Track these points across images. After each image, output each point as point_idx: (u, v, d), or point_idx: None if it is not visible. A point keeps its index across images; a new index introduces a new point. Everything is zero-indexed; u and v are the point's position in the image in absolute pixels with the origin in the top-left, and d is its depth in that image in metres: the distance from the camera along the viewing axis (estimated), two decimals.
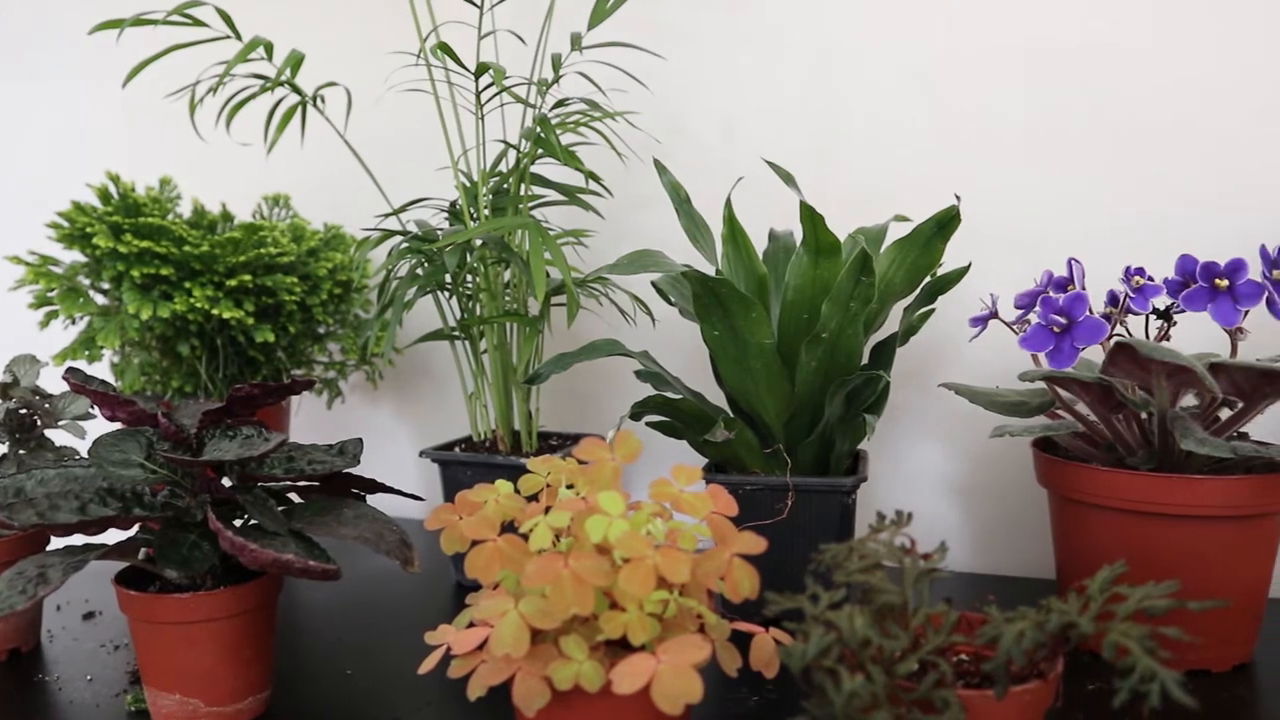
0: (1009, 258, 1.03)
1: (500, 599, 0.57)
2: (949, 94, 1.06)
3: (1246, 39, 0.97)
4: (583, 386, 1.23)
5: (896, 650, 0.51)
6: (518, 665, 0.56)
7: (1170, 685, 0.46)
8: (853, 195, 1.09)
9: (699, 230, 0.86)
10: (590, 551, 0.56)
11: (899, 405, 1.10)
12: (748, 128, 1.14)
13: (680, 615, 0.57)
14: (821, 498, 0.84)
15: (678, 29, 1.15)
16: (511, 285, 1.05)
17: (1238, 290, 0.78)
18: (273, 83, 1.03)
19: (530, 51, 1.13)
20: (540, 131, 0.96)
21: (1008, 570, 1.09)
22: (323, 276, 1.15)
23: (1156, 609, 0.52)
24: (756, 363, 0.83)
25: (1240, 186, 0.98)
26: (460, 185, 1.00)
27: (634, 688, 0.52)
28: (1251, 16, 0.96)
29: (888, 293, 0.86)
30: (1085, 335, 0.77)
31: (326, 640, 0.90)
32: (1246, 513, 0.77)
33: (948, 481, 1.10)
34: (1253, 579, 0.80)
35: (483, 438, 1.08)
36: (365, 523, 0.75)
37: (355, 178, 1.13)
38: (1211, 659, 0.80)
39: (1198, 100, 0.98)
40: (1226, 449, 0.75)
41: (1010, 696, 0.52)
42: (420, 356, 1.32)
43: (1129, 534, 0.80)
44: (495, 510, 0.63)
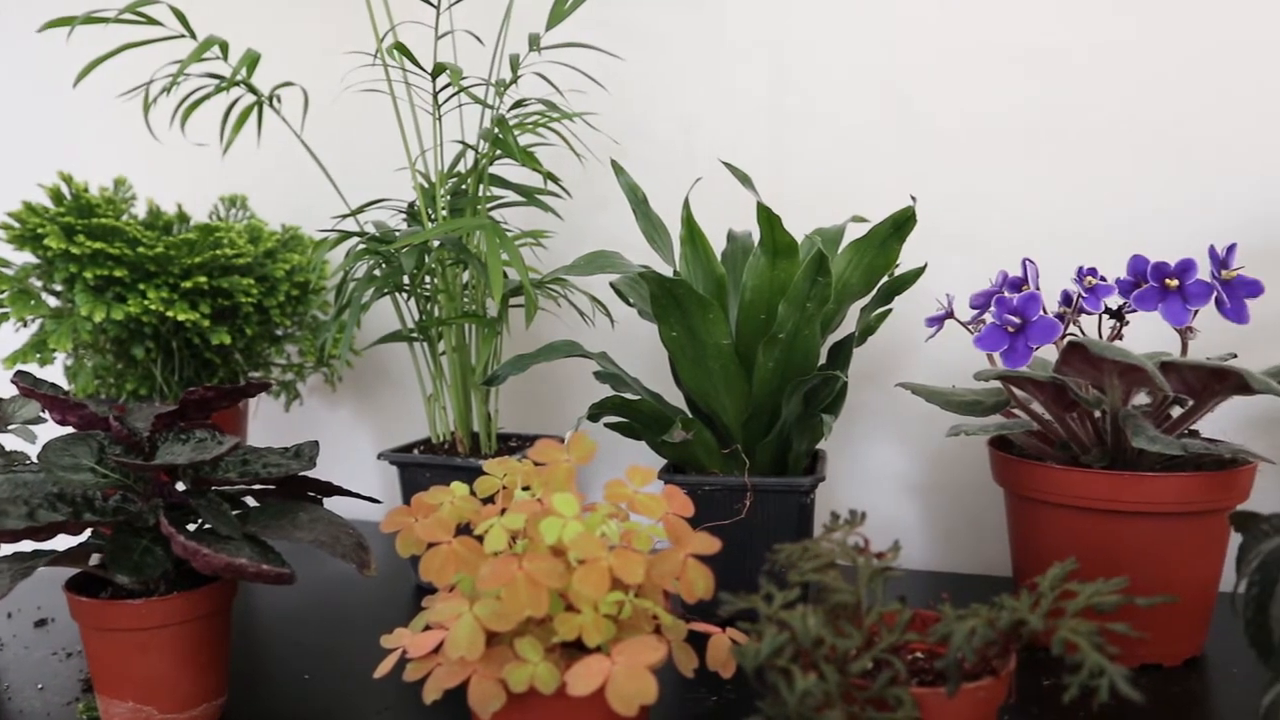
0: (966, 258, 1.04)
1: (455, 602, 0.57)
2: (907, 96, 1.07)
3: (1194, 43, 0.98)
4: (543, 388, 1.23)
5: (850, 649, 0.52)
6: (473, 668, 0.56)
7: (1118, 680, 0.47)
8: (811, 196, 1.09)
9: (656, 231, 0.86)
10: (545, 553, 0.56)
11: (857, 405, 1.11)
12: (707, 129, 1.14)
13: (636, 616, 0.57)
14: (780, 498, 0.84)
15: (636, 30, 1.15)
16: (470, 286, 1.05)
17: (1187, 290, 0.80)
18: (228, 82, 1.02)
19: (488, 52, 1.13)
20: (498, 132, 0.95)
21: (966, 568, 1.10)
22: (280, 278, 1.14)
23: (1105, 605, 0.52)
24: (714, 363, 0.83)
25: (1190, 188, 0.99)
26: (418, 186, 1.00)
27: (589, 689, 0.52)
28: (1197, 21, 0.98)
29: (845, 293, 0.86)
30: (1039, 335, 0.78)
31: (284, 644, 0.89)
32: (1197, 509, 0.79)
33: (906, 480, 1.11)
34: (1203, 574, 0.81)
35: (441, 439, 1.07)
36: (321, 526, 0.75)
37: (313, 178, 1.12)
38: (1163, 654, 0.81)
39: (1148, 103, 1.00)
40: (1177, 446, 0.76)
41: (963, 693, 0.52)
42: (379, 358, 1.31)
43: (1083, 531, 0.81)
44: (451, 512, 0.62)
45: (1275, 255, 0.96)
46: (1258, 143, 0.97)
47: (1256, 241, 0.97)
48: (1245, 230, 0.97)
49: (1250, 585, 0.55)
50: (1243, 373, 0.77)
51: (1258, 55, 0.97)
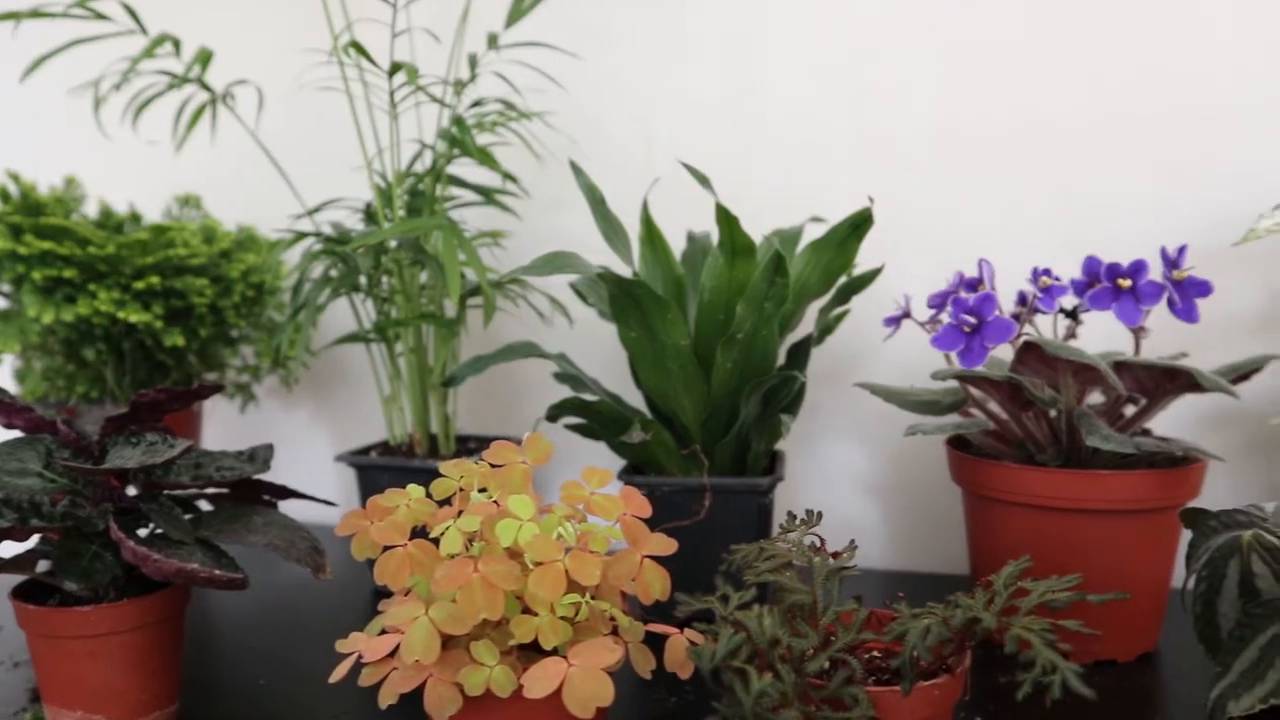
0: (926, 258, 1.05)
1: (411, 605, 0.56)
2: (867, 97, 1.07)
3: (1145, 49, 0.99)
4: (503, 389, 1.22)
5: (806, 649, 0.52)
6: (429, 672, 0.55)
7: (1070, 677, 0.47)
8: (772, 196, 1.10)
9: (615, 232, 0.86)
10: (501, 556, 0.55)
11: (817, 405, 1.11)
12: (666, 129, 1.14)
13: (593, 618, 0.57)
14: (739, 498, 0.84)
15: (595, 29, 1.14)
16: (428, 287, 1.04)
17: (1140, 290, 0.80)
18: (180, 79, 1.01)
19: (446, 51, 1.12)
20: (456, 132, 0.95)
21: (926, 567, 1.11)
22: (235, 278, 1.12)
23: (1058, 603, 0.53)
24: (673, 364, 0.83)
25: (1143, 189, 1.01)
26: (375, 186, 0.99)
27: (545, 692, 0.51)
28: (1147, 27, 0.99)
29: (803, 293, 0.86)
30: (994, 334, 0.78)
31: (239, 650, 0.88)
32: (1149, 506, 0.79)
33: (866, 480, 1.12)
34: (1156, 571, 0.82)
35: (399, 441, 1.06)
36: (275, 530, 0.74)
37: (269, 178, 1.11)
38: (1118, 649, 0.82)
39: (1102, 106, 1.01)
40: (1130, 445, 0.77)
41: (918, 691, 0.53)
42: (337, 360, 1.29)
43: (1039, 529, 0.82)
44: (406, 515, 0.62)
45: (1224, 256, 0.97)
46: (1206, 146, 0.99)
47: (1207, 242, 0.98)
48: (1195, 231, 0.99)
49: (1199, 581, 0.56)
50: (1193, 371, 0.78)
51: (1207, 61, 0.98)
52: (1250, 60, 0.97)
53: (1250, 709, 0.50)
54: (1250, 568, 0.54)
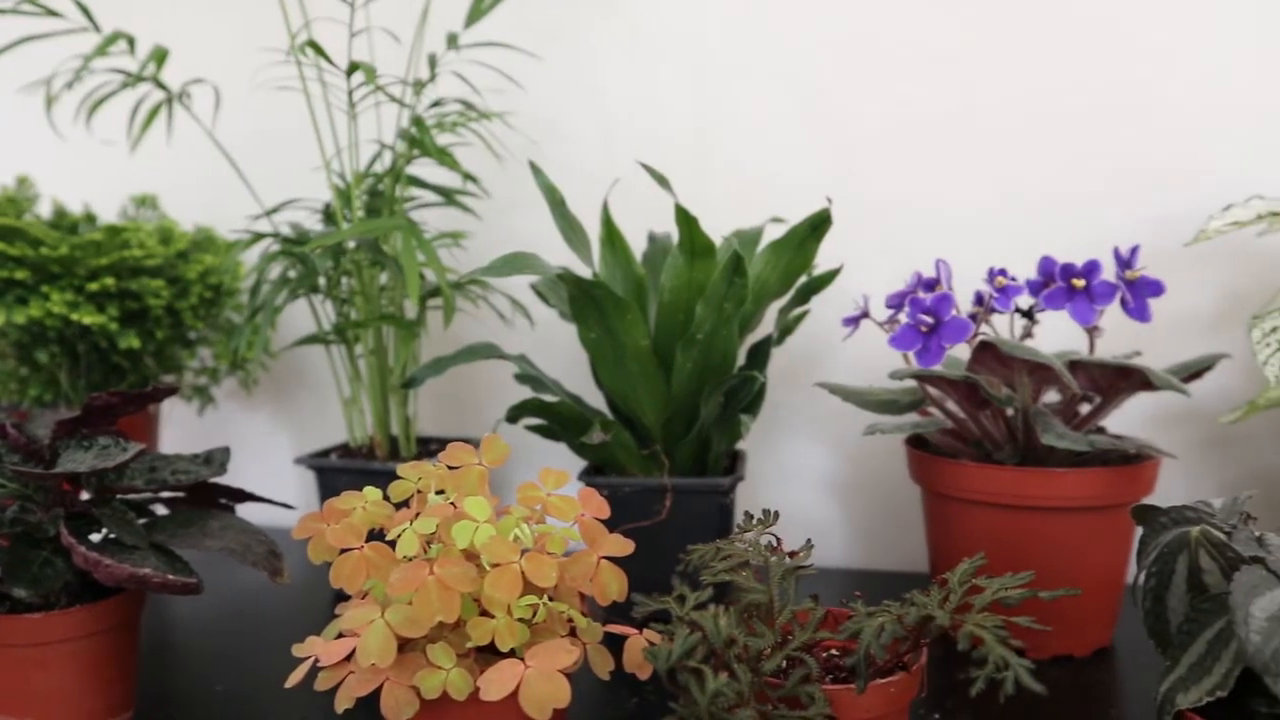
0: (885, 258, 1.05)
1: (367, 608, 0.56)
2: (826, 97, 1.08)
3: (1103, 47, 1.01)
4: (465, 390, 1.21)
5: (763, 648, 0.52)
6: (385, 675, 0.55)
7: (1021, 673, 0.48)
8: (733, 197, 1.10)
9: (574, 233, 0.86)
10: (457, 558, 0.55)
11: (778, 404, 1.11)
12: (627, 129, 1.14)
13: (550, 620, 0.57)
14: (700, 498, 0.84)
15: (555, 30, 1.14)
16: (388, 288, 1.04)
17: (1093, 290, 0.81)
18: (135, 78, 1.00)
19: (405, 50, 1.11)
20: (415, 132, 0.94)
21: (887, 565, 1.11)
22: (193, 280, 1.11)
23: (1011, 600, 0.53)
24: (634, 364, 0.83)
25: (1097, 190, 1.02)
26: (333, 186, 0.98)
27: (501, 694, 0.51)
28: (1107, 27, 1.00)
29: (763, 294, 0.87)
30: (951, 334, 0.79)
31: (196, 656, 0.87)
32: (1103, 503, 0.81)
33: (827, 479, 1.12)
34: (1111, 567, 0.83)
35: (360, 443, 1.06)
36: (232, 534, 0.73)
37: (227, 178, 1.10)
38: (1074, 644, 0.83)
39: (1058, 107, 1.02)
40: (1084, 443, 0.78)
41: (874, 689, 0.53)
42: (297, 361, 1.28)
43: (996, 527, 0.82)
44: (363, 518, 0.61)
45: (1177, 256, 0.99)
46: (1160, 147, 1.00)
47: (1160, 243, 0.99)
48: (1149, 232, 1.00)
49: (1149, 577, 0.57)
50: (1146, 370, 0.79)
51: (1160, 63, 0.99)
52: (1203, 62, 0.99)
53: (1198, 701, 0.50)
54: (1198, 563, 0.55)
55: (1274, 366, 0.79)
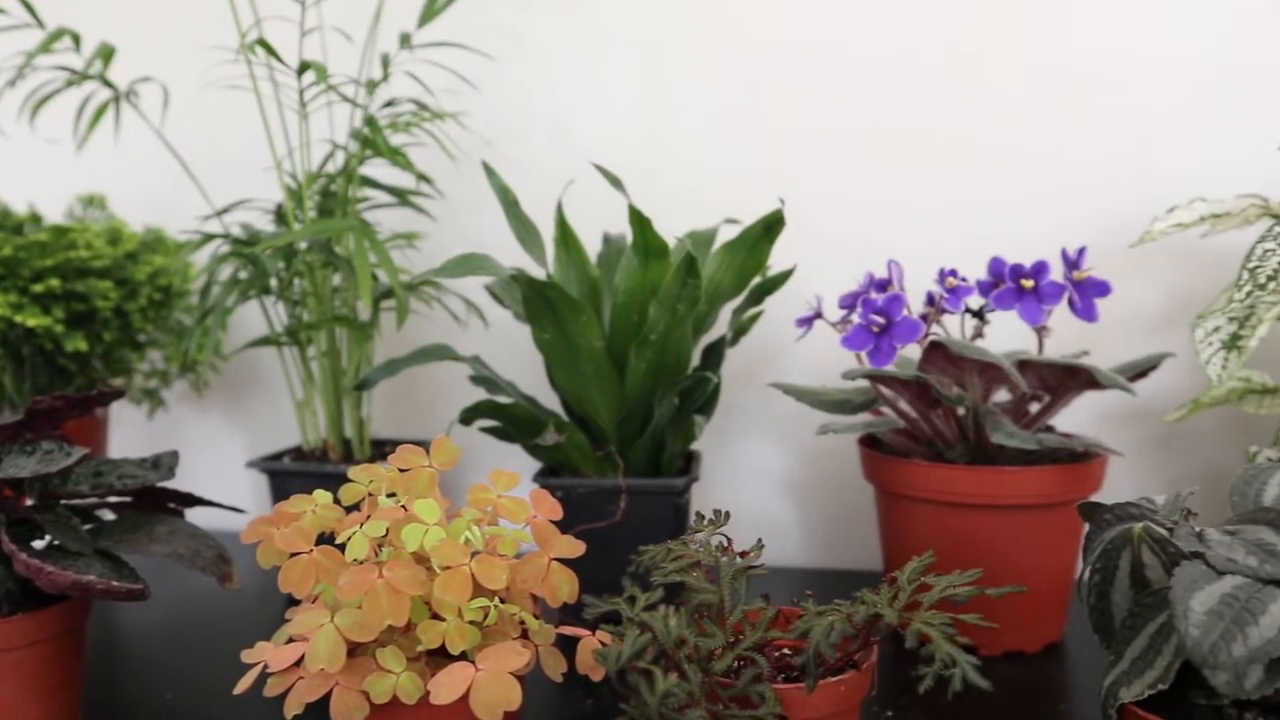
0: (840, 259, 1.06)
1: (317, 612, 0.55)
2: (780, 96, 1.08)
3: (1053, 50, 1.02)
4: (422, 391, 1.21)
5: (714, 648, 0.52)
6: (335, 680, 0.54)
7: (968, 670, 0.48)
8: (688, 198, 1.10)
9: (528, 233, 0.85)
10: (407, 561, 0.55)
11: (734, 405, 1.12)
12: (582, 129, 1.14)
13: (502, 622, 0.56)
14: (654, 499, 0.84)
15: (509, 30, 1.14)
16: (341, 289, 1.03)
17: (1042, 290, 0.82)
18: (81, 76, 0.98)
19: (358, 50, 1.11)
20: (368, 132, 0.93)
21: (843, 564, 1.12)
22: (142, 281, 1.09)
23: (959, 597, 0.54)
24: (588, 366, 0.83)
25: (1044, 192, 1.03)
26: (285, 186, 0.97)
27: (451, 698, 0.51)
28: (1056, 30, 1.02)
29: (716, 295, 0.87)
30: (902, 334, 0.80)
31: (145, 664, 0.86)
32: (1053, 501, 0.82)
33: (782, 479, 1.13)
34: (1060, 563, 0.84)
35: (313, 446, 1.05)
36: (180, 538, 0.72)
37: (177, 178, 1.08)
38: (1025, 640, 0.84)
39: (1006, 109, 1.03)
40: (1033, 441, 0.79)
41: (825, 687, 0.53)
42: (250, 364, 1.27)
43: (947, 525, 0.83)
44: (312, 521, 0.61)
45: (1124, 257, 1.00)
46: (1107, 150, 1.02)
47: (1108, 244, 1.01)
48: (1098, 232, 1.01)
49: (1093, 573, 0.57)
50: (1092, 369, 0.81)
51: (1108, 68, 1.01)
52: (1148, 68, 1.00)
53: (1140, 695, 0.51)
54: (1141, 559, 0.56)
55: (1215, 365, 0.81)
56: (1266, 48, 0.98)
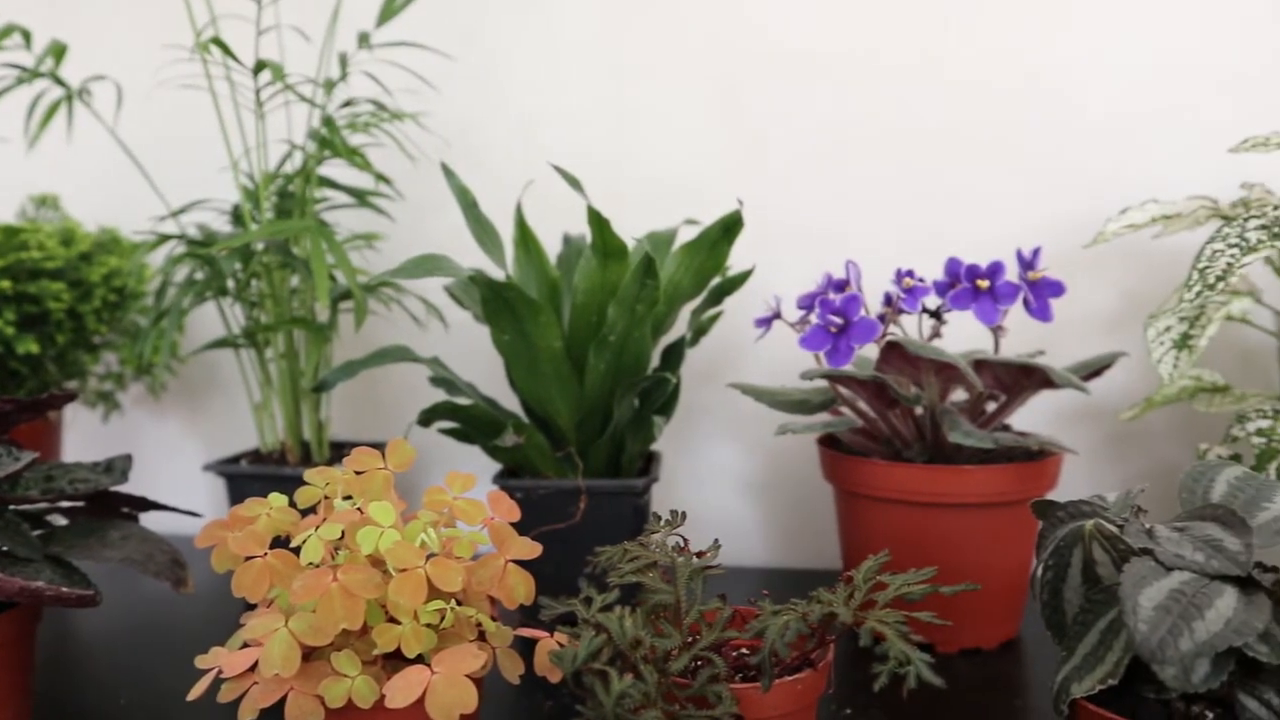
0: (801, 259, 1.07)
1: (271, 617, 0.55)
2: (743, 97, 1.09)
3: (1011, 57, 1.03)
4: (382, 393, 1.20)
5: (670, 648, 0.52)
6: (289, 685, 0.54)
7: (922, 668, 0.48)
8: (650, 198, 1.10)
9: (487, 234, 0.85)
10: (362, 564, 0.54)
11: (695, 405, 1.12)
12: (542, 130, 1.13)
13: (459, 624, 0.56)
14: (614, 499, 0.84)
15: (469, 30, 1.13)
16: (299, 291, 1.02)
17: (997, 291, 0.83)
18: (31, 73, 0.97)
19: (316, 49, 1.10)
20: (325, 132, 0.93)
21: (803, 563, 1.12)
22: (96, 282, 1.08)
23: (913, 595, 0.54)
24: (547, 367, 0.83)
25: (1004, 192, 1.04)
26: (242, 187, 0.96)
27: (407, 701, 0.51)
28: (1013, 34, 1.03)
29: (675, 295, 0.87)
30: (860, 334, 0.80)
31: (99, 670, 0.84)
32: (1009, 499, 0.82)
33: (743, 479, 1.13)
34: (1017, 561, 0.85)
35: (271, 449, 1.04)
36: (133, 543, 0.71)
37: (131, 178, 1.07)
38: (982, 637, 0.85)
39: (965, 111, 1.04)
40: (989, 440, 0.79)
41: (780, 687, 0.54)
42: (208, 366, 1.25)
43: (906, 524, 0.84)
44: (267, 525, 0.60)
45: (1079, 257, 1.02)
46: (1061, 152, 1.03)
47: (1063, 244, 1.02)
48: (1057, 233, 1.03)
49: (1046, 570, 0.58)
50: (1047, 369, 0.81)
51: (1062, 71, 1.02)
52: (1103, 73, 1.02)
53: (1091, 690, 0.52)
54: (1092, 556, 0.57)
55: (1167, 364, 0.82)
56: (1217, 54, 0.99)
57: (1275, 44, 0.98)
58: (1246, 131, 0.92)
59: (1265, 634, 0.49)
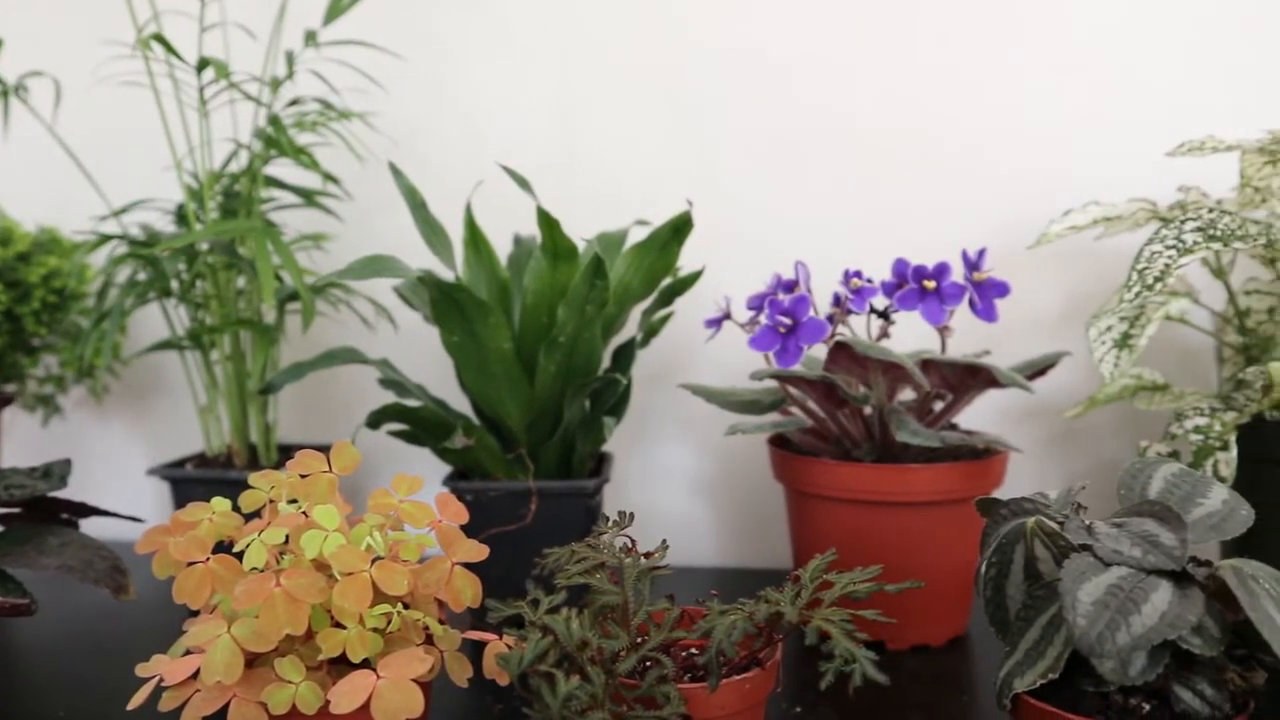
0: (756, 260, 1.07)
1: (214, 623, 0.54)
2: (696, 98, 1.09)
3: (955, 64, 1.04)
4: (332, 395, 1.19)
5: (618, 649, 0.52)
6: (232, 692, 0.53)
7: (866, 666, 0.49)
8: (602, 199, 1.10)
9: (436, 235, 0.85)
10: (306, 568, 0.54)
11: (647, 406, 1.12)
12: (494, 130, 1.13)
13: (405, 628, 0.56)
14: (565, 501, 0.84)
15: (419, 29, 1.13)
16: (246, 292, 1.00)
17: (943, 291, 0.84)
18: None
19: (262, 47, 1.08)
20: (271, 131, 0.92)
21: (756, 563, 1.13)
22: (35, 283, 1.05)
23: (859, 593, 0.55)
24: (497, 368, 0.82)
25: (952, 194, 1.05)
26: (186, 186, 0.95)
27: (351, 706, 0.50)
28: (959, 41, 1.04)
29: (626, 296, 0.87)
30: (808, 335, 0.81)
31: (39, 680, 0.83)
32: (956, 497, 0.83)
33: (695, 479, 1.13)
34: (964, 558, 0.86)
35: (217, 452, 1.02)
36: (72, 550, 0.70)
37: (72, 177, 1.05)
38: (931, 634, 0.86)
39: (913, 113, 1.05)
40: (935, 439, 0.80)
41: (729, 686, 0.54)
42: (153, 369, 1.23)
43: (855, 523, 0.84)
44: (209, 530, 0.59)
45: (1025, 258, 1.03)
46: (1008, 155, 1.04)
47: (1010, 245, 1.04)
48: (1009, 234, 1.04)
49: (989, 567, 0.59)
50: (992, 368, 0.82)
51: (1008, 75, 1.04)
52: (1045, 78, 1.03)
53: (1033, 684, 0.53)
54: (1033, 552, 0.57)
55: (1108, 363, 0.84)
56: (1156, 59, 1.01)
57: (1211, 49, 1.00)
58: (1184, 135, 0.94)
59: (1198, 627, 0.50)
